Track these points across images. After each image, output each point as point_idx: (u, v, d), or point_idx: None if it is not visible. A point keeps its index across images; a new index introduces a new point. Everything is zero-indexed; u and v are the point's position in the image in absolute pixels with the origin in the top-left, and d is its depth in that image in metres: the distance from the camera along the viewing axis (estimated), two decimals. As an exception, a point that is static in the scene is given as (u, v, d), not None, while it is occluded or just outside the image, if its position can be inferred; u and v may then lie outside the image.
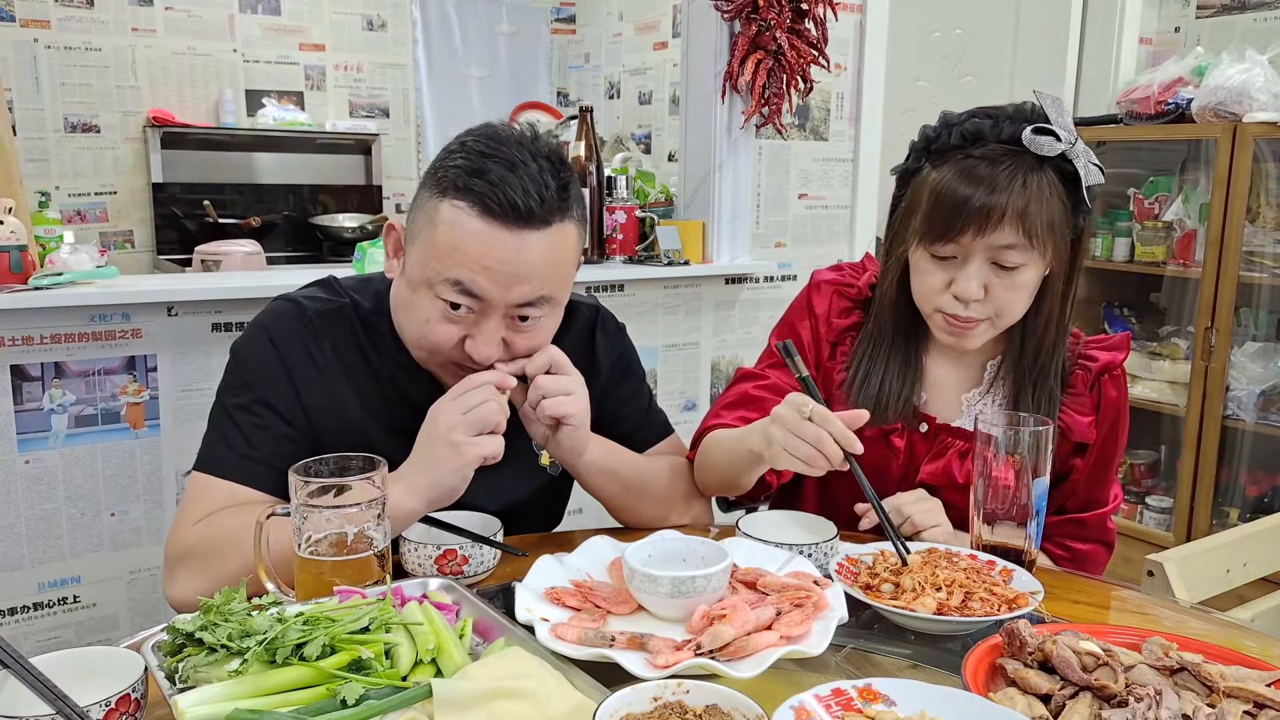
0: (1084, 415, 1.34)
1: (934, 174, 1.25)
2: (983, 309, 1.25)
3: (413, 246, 1.17)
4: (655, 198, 2.83)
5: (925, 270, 1.27)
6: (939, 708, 0.78)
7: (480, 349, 1.15)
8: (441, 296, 1.13)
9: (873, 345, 1.38)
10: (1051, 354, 1.32)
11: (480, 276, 1.11)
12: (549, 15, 4.88)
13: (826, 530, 1.20)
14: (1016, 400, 1.33)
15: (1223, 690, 0.82)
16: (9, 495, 1.86)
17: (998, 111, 1.26)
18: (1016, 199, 1.19)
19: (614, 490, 1.30)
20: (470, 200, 1.10)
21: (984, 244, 1.21)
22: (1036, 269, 1.25)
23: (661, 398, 2.65)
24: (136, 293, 1.90)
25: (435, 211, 1.13)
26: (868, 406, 1.31)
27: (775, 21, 2.46)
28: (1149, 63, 3.30)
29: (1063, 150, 1.21)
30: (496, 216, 1.10)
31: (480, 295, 1.12)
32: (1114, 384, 1.36)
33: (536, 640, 0.89)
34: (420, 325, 1.16)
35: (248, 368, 1.22)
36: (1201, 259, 2.94)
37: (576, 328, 1.40)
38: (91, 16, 3.80)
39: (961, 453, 1.34)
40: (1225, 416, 2.91)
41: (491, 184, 1.10)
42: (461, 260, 1.11)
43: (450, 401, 1.13)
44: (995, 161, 1.20)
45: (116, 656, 0.83)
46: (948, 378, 1.39)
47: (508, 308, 1.14)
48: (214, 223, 3.92)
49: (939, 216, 1.22)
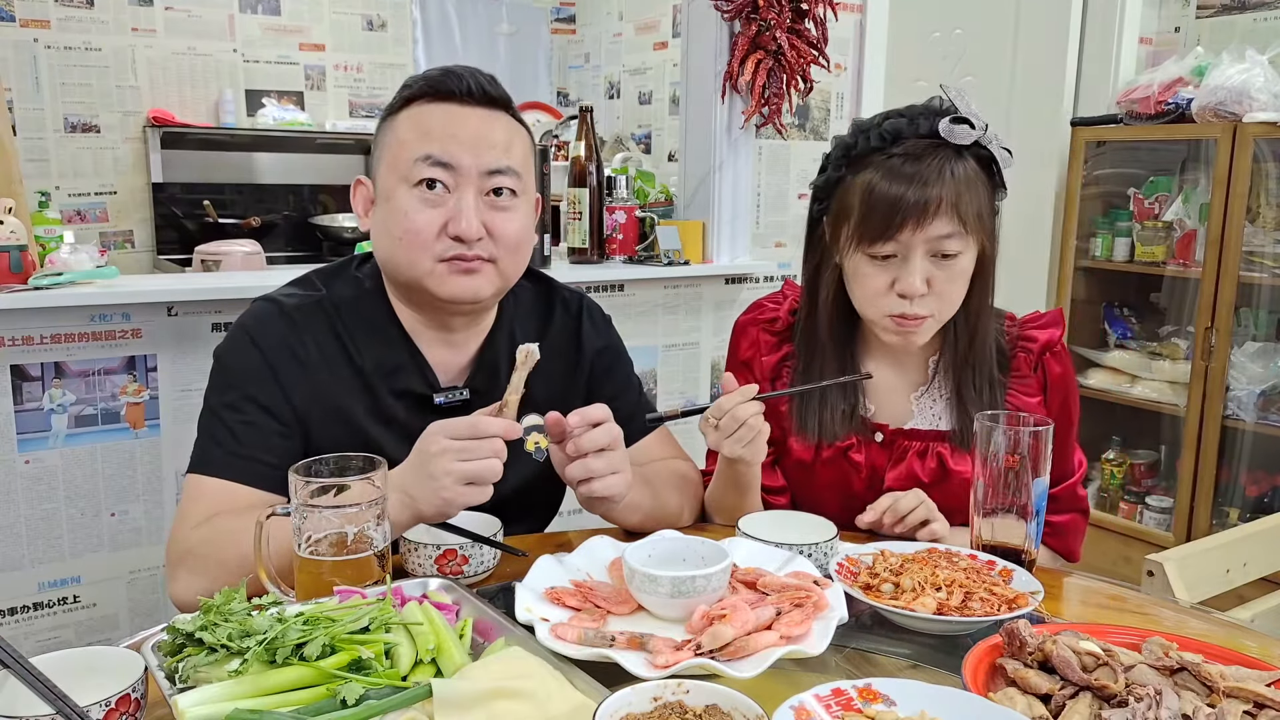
0: (1031, 396, 1.38)
1: (859, 178, 1.28)
2: (926, 304, 1.27)
3: (379, 168, 1.24)
4: (655, 198, 2.84)
5: (866, 274, 1.29)
6: (939, 708, 0.78)
7: (464, 225, 1.18)
8: (415, 181, 1.19)
9: (808, 365, 1.40)
10: (985, 338, 1.35)
11: (448, 143, 1.19)
12: (549, 15, 4.88)
13: (826, 530, 1.20)
14: (960, 390, 1.36)
15: (1223, 690, 0.82)
16: (9, 495, 1.86)
17: (909, 110, 1.30)
18: (948, 189, 1.23)
19: (634, 521, 1.29)
20: (422, 95, 1.22)
21: (923, 237, 1.24)
22: (971, 255, 1.28)
23: (661, 398, 2.65)
24: (136, 293, 1.90)
25: (393, 124, 1.23)
26: (812, 430, 1.37)
27: (775, 21, 2.47)
28: (1149, 63, 3.30)
29: (977, 138, 1.26)
30: (451, 98, 1.21)
31: (451, 163, 1.18)
32: (1056, 360, 1.39)
33: (536, 640, 0.89)
34: (401, 222, 1.19)
35: (232, 371, 1.23)
36: (1201, 259, 2.94)
37: (562, 315, 1.40)
38: (91, 16, 3.80)
39: (919, 452, 1.37)
40: (1225, 416, 2.91)
41: (438, 77, 1.22)
42: (426, 136, 1.19)
43: (450, 440, 1.07)
44: (919, 157, 1.24)
45: (116, 656, 0.83)
46: (892, 382, 1.40)
47: (480, 178, 1.20)
48: (214, 223, 3.92)
49: (874, 217, 1.25)
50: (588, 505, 1.21)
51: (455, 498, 1.06)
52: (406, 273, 1.22)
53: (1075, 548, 1.42)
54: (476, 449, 1.06)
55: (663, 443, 1.46)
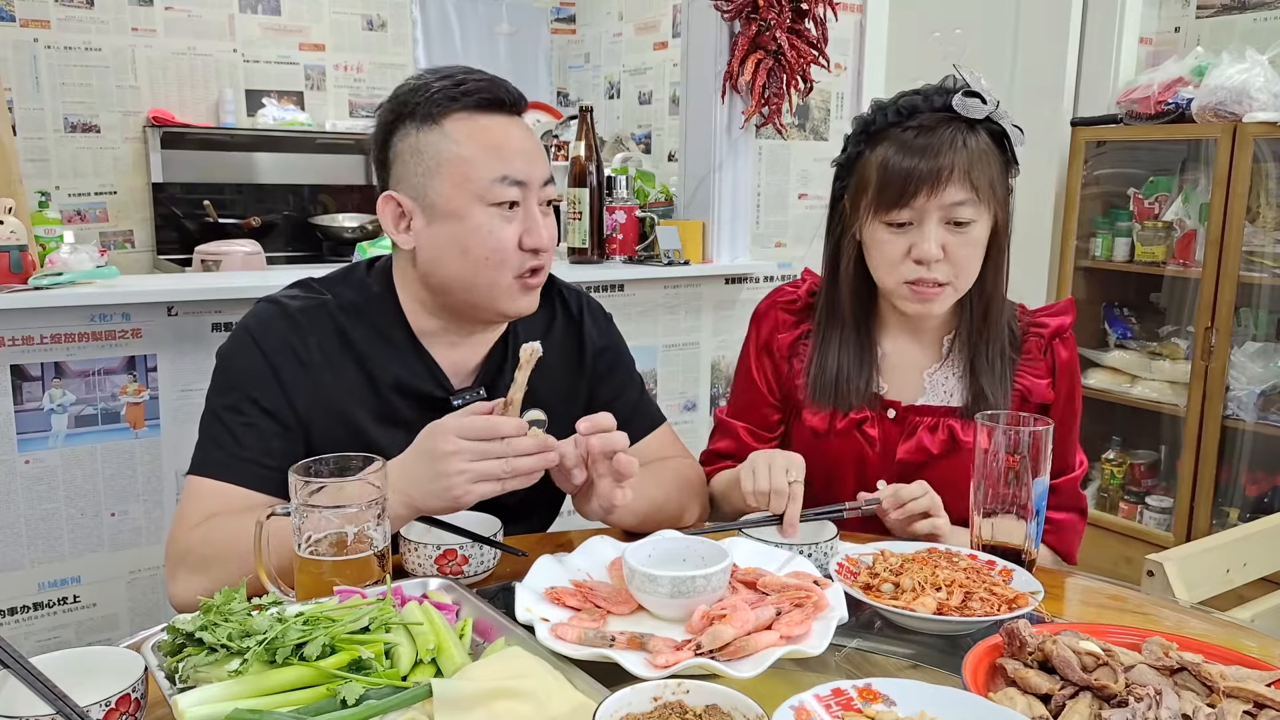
0: (1040, 378, 1.41)
1: (876, 152, 1.33)
2: (944, 270, 1.31)
3: (433, 183, 1.21)
4: (655, 198, 2.83)
5: (883, 241, 1.33)
6: (939, 708, 0.78)
7: (541, 235, 1.22)
8: (495, 201, 1.20)
9: (825, 336, 1.44)
10: (1000, 315, 1.39)
11: (518, 160, 1.21)
12: (549, 15, 4.88)
13: (826, 530, 1.20)
14: (973, 367, 1.39)
15: (1223, 690, 0.82)
16: (9, 495, 1.86)
17: (924, 88, 1.35)
18: (960, 158, 1.28)
19: (634, 523, 1.28)
20: (469, 107, 1.21)
21: (937, 204, 1.29)
22: (985, 225, 1.32)
23: (661, 398, 2.65)
24: (136, 293, 1.90)
25: (440, 137, 1.20)
26: (827, 397, 1.41)
27: (775, 21, 2.46)
28: (1149, 63, 3.30)
29: (989, 113, 1.31)
30: (495, 109, 1.22)
31: (524, 179, 1.21)
32: (1065, 346, 1.42)
33: (536, 640, 0.89)
34: (486, 239, 1.20)
35: (234, 371, 1.23)
36: (1201, 259, 2.94)
37: (564, 313, 1.41)
38: (91, 16, 3.80)
39: (930, 427, 1.40)
40: (1225, 416, 2.91)
41: (478, 88, 1.21)
42: (497, 155, 1.20)
43: (465, 441, 1.06)
44: (933, 129, 1.30)
45: (116, 656, 0.83)
46: (906, 358, 1.44)
47: (539, 189, 1.23)
48: (214, 223, 3.92)
49: (891, 186, 1.30)
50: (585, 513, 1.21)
51: (465, 495, 1.07)
52: (485, 292, 1.23)
53: (1073, 549, 1.43)
54: (492, 450, 1.06)
55: (665, 442, 1.46)
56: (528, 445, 1.07)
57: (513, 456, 1.06)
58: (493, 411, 1.11)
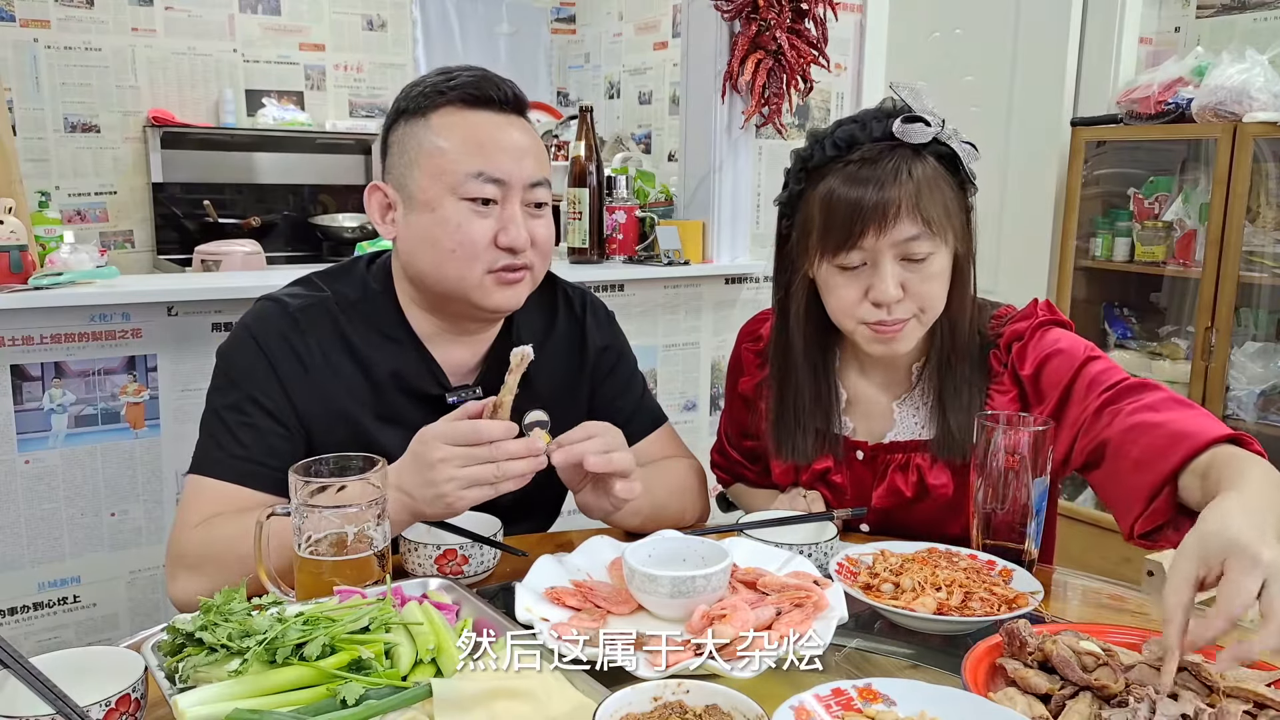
0: (1005, 394, 1.28)
1: (818, 189, 1.24)
2: (905, 308, 1.22)
3: (412, 174, 1.21)
4: (655, 198, 2.83)
5: (837, 285, 1.24)
6: (939, 708, 0.78)
7: (517, 237, 1.20)
8: (467, 196, 1.19)
9: (781, 385, 1.36)
10: (969, 338, 1.29)
11: (501, 158, 1.19)
12: (549, 15, 4.88)
13: (826, 530, 1.20)
14: (942, 395, 1.29)
15: (1223, 690, 0.82)
16: (9, 495, 1.86)
17: (862, 115, 1.26)
18: (907, 189, 1.18)
19: (635, 524, 1.28)
20: (455, 102, 1.21)
21: (888, 242, 1.19)
22: (944, 256, 1.22)
23: (661, 398, 2.64)
24: (136, 293, 1.90)
25: (424, 129, 1.21)
26: (786, 452, 1.35)
27: (775, 21, 2.46)
28: (1149, 63, 3.30)
29: (934, 134, 1.21)
30: (484, 105, 1.21)
31: (503, 178, 1.19)
32: (1029, 350, 1.28)
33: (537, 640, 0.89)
34: (454, 233, 1.19)
35: (235, 369, 1.23)
36: (1201, 259, 2.94)
37: (566, 312, 1.40)
38: (91, 16, 3.80)
39: (900, 465, 1.32)
40: (1225, 416, 2.90)
41: (465, 83, 1.21)
42: (475, 150, 1.19)
43: (450, 448, 1.05)
44: (875, 161, 1.20)
45: (116, 656, 0.83)
46: (873, 393, 1.36)
47: (523, 189, 1.21)
48: (214, 223, 3.92)
49: (835, 226, 1.20)
50: (588, 511, 1.21)
51: (458, 502, 1.07)
52: (455, 285, 1.22)
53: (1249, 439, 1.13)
54: (479, 455, 1.05)
55: (665, 442, 1.46)
56: (516, 449, 1.06)
57: (502, 460, 1.06)
58: (481, 413, 1.10)
